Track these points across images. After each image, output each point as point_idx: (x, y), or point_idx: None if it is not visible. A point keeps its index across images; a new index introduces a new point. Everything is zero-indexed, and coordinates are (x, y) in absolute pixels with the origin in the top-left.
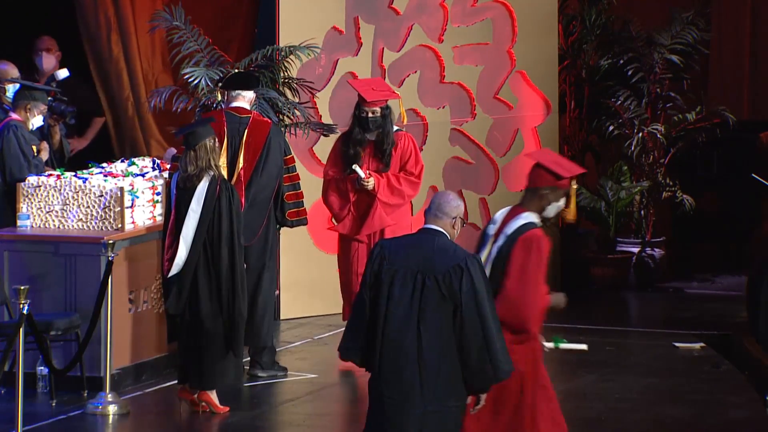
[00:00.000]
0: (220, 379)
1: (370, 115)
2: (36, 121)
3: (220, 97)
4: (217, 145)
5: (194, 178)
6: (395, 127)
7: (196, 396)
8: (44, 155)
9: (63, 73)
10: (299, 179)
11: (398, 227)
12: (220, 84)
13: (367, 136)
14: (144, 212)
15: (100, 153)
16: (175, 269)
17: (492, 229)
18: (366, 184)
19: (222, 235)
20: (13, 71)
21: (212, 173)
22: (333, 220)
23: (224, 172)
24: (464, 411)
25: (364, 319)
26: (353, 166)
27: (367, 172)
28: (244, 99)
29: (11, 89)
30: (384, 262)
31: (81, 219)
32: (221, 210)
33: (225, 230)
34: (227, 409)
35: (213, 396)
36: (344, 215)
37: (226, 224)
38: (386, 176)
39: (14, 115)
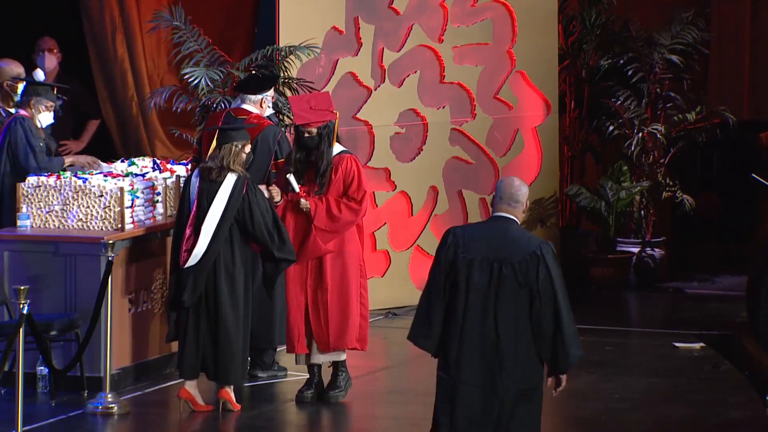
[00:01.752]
0: (241, 374)
1: (305, 134)
2: (43, 118)
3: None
4: (244, 152)
5: (214, 172)
6: (341, 148)
7: (216, 392)
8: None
9: (39, 75)
10: None
11: (346, 253)
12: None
13: (307, 156)
14: (144, 212)
15: (103, 154)
16: (192, 260)
17: None
18: (301, 202)
19: (263, 228)
20: (18, 69)
21: (238, 172)
22: None
23: None
24: (542, 395)
25: (441, 307)
26: (287, 175)
27: (303, 192)
28: (249, 102)
29: (22, 87)
30: (458, 250)
31: (81, 219)
32: (251, 207)
33: (260, 224)
34: (239, 407)
35: (232, 393)
36: None
37: (259, 220)
38: (326, 201)
39: (22, 111)
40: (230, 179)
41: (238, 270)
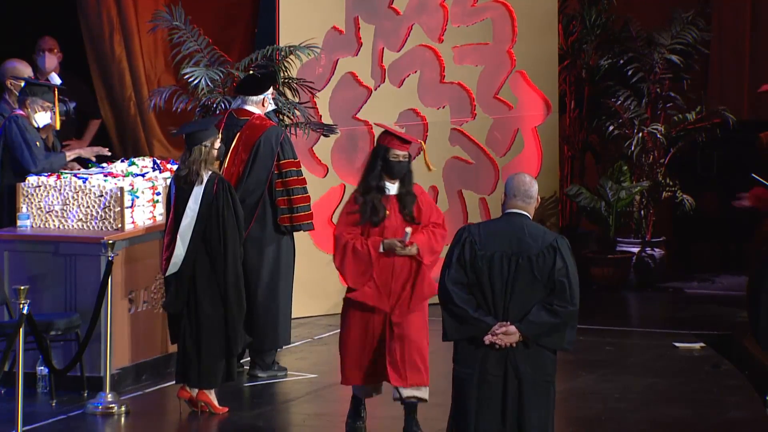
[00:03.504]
0: (217, 378)
1: (397, 159)
2: (40, 118)
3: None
4: (213, 150)
5: (186, 178)
6: None
7: (195, 395)
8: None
9: (55, 79)
10: (299, 184)
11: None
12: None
13: (388, 185)
14: (144, 212)
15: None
16: (172, 268)
17: None
18: (407, 251)
19: (222, 235)
20: (27, 69)
21: (209, 173)
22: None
23: None
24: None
25: (471, 298)
26: (407, 229)
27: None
28: (251, 102)
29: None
30: (476, 247)
31: (81, 219)
32: (219, 209)
33: (226, 229)
34: (226, 409)
35: (212, 396)
36: (364, 282)
37: (227, 223)
38: (426, 236)
39: (18, 111)
40: (201, 183)
41: (221, 272)
